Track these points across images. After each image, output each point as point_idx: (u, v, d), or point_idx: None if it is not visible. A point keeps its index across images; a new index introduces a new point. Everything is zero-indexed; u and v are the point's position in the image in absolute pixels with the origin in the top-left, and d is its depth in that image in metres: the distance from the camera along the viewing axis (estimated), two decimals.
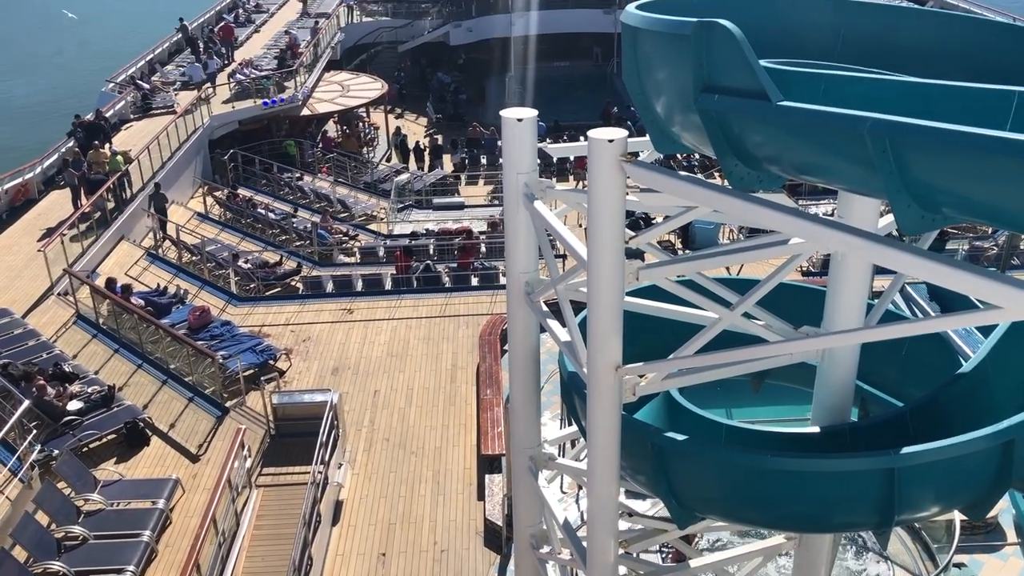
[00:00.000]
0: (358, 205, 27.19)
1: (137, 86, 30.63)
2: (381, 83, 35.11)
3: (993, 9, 38.01)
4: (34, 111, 48.66)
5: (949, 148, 3.55)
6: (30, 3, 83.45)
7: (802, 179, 4.95)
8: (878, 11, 6.72)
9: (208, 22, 40.34)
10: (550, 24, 43.07)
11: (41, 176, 24.32)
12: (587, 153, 5.64)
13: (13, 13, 78.48)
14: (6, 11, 79.30)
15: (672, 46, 5.07)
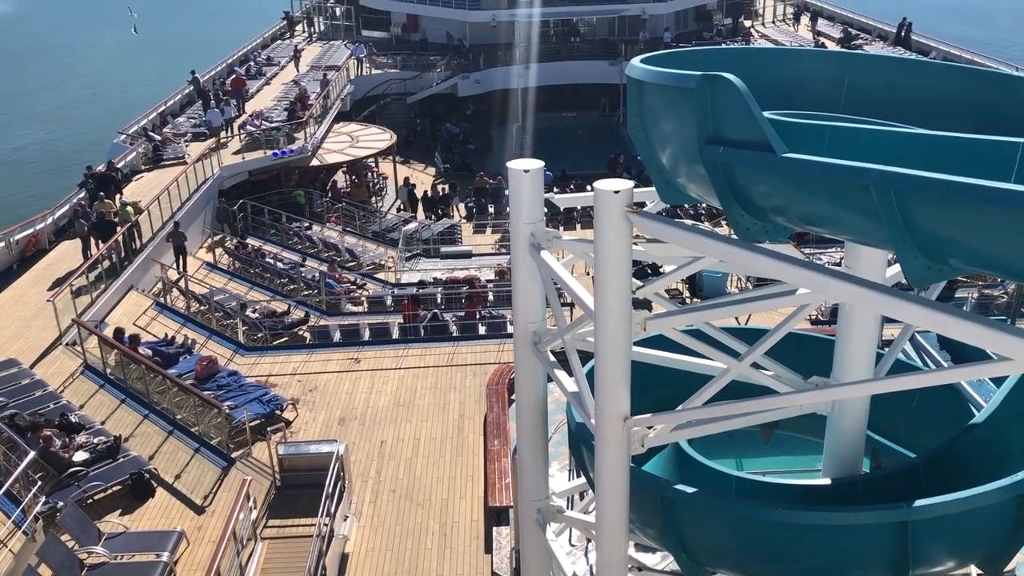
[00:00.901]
0: (366, 254, 27.30)
1: (148, 137, 31.03)
2: (390, 134, 35.49)
3: (997, 59, 38.37)
4: (47, 162, 49.27)
5: (954, 200, 3.56)
6: (45, 55, 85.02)
7: (808, 230, 4.95)
8: (882, 63, 6.80)
9: (220, 75, 41.00)
10: (557, 75, 43.68)
11: (52, 227, 24.53)
12: (593, 204, 5.66)
13: (28, 65, 79.91)
14: (22, 63, 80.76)
15: (677, 99, 5.12)
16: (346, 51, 45.41)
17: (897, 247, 3.91)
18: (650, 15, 46.00)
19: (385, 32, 49.71)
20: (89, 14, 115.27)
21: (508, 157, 38.15)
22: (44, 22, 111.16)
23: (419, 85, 43.27)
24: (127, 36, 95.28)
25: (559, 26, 47.74)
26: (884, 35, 45.87)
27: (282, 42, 50.50)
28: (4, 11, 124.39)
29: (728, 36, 46.56)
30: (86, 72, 76.71)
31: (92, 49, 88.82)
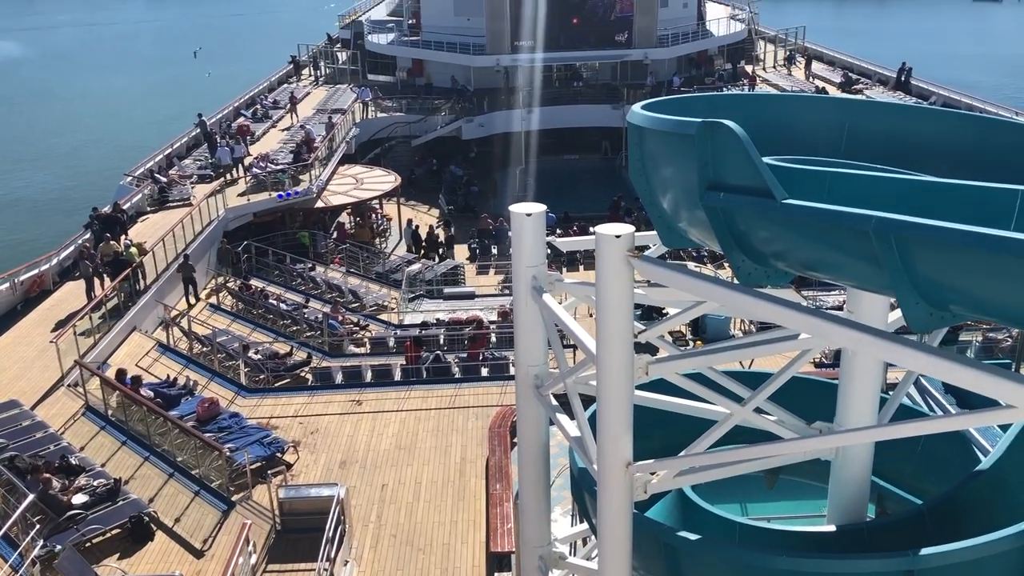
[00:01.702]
0: (369, 295, 27.33)
1: (155, 179, 31.27)
2: (394, 176, 35.73)
3: (996, 104, 38.68)
4: (54, 203, 49.62)
5: (955, 247, 3.56)
6: (55, 98, 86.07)
7: (809, 275, 4.96)
8: (881, 109, 6.86)
9: (227, 117, 41.43)
10: (559, 119, 44.07)
11: (57, 268, 24.62)
12: (595, 248, 5.68)
13: (37, 107, 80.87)
14: (31, 106, 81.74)
15: (677, 145, 5.16)
16: (352, 95, 45.91)
17: (898, 293, 3.91)
18: (652, 60, 46.52)
19: (391, 76, 50.28)
20: (99, 58, 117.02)
21: (511, 199, 38.55)
22: (54, 65, 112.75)
23: (424, 128, 43.67)
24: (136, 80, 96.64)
25: (562, 71, 48.29)
26: (884, 80, 46.30)
27: (288, 86, 51.07)
28: (14, 54, 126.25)
29: (729, 81, 47.02)
30: (95, 115, 77.57)
31: (101, 92, 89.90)
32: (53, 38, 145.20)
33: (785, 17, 77.50)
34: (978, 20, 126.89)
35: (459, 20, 47.53)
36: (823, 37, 63.79)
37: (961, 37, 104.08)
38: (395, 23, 55.03)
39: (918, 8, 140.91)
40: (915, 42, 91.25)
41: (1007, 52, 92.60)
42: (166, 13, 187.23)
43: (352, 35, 56.00)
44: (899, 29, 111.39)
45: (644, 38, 45.72)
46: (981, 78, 69.92)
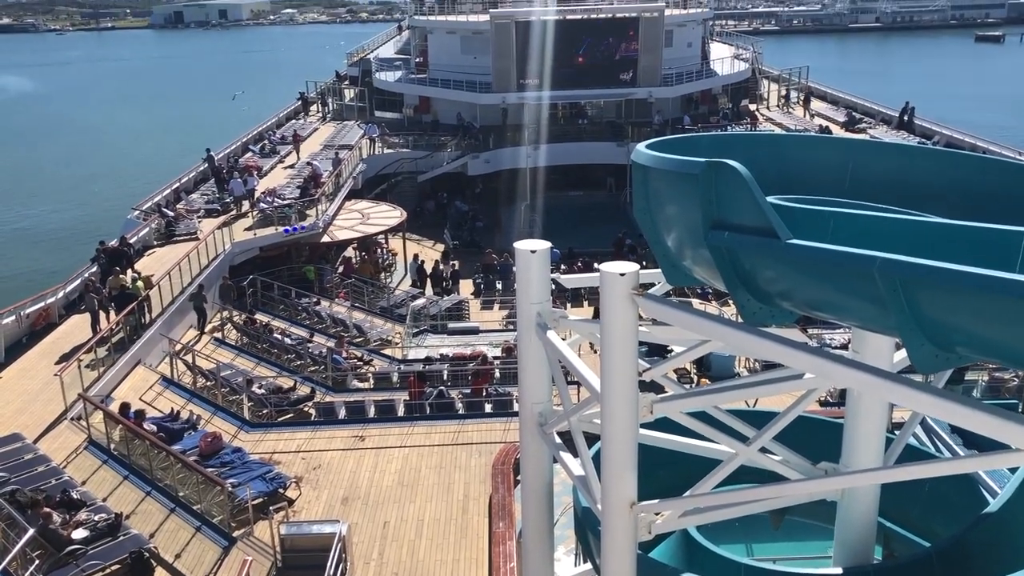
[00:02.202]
0: (374, 330, 27.32)
1: (162, 213, 31.45)
2: (400, 211, 35.90)
3: (999, 144, 38.85)
4: (61, 236, 49.91)
5: (960, 289, 3.56)
6: (64, 132, 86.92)
7: (814, 315, 4.96)
8: (884, 150, 6.90)
9: (235, 152, 41.78)
10: (564, 156, 44.37)
11: (63, 301, 24.68)
12: (599, 285, 5.69)
13: (47, 141, 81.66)
14: (41, 139, 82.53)
15: (682, 185, 5.19)
16: (359, 131, 46.31)
17: (903, 335, 3.91)
18: (656, 99, 46.91)
19: (397, 113, 50.74)
20: (109, 93, 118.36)
21: (516, 234, 38.68)
22: (65, 100, 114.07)
23: (430, 164, 43.96)
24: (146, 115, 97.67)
25: (567, 109, 48.69)
26: (887, 119, 46.59)
27: (296, 121, 51.57)
28: (26, 89, 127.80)
29: (733, 120, 47.35)
30: (104, 148, 78.31)
31: (111, 127, 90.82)
32: (65, 73, 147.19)
33: (789, 57, 78.26)
34: (980, 60, 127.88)
35: (465, 59, 48.10)
36: (826, 77, 64.39)
37: (964, 77, 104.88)
38: (402, 61, 55.70)
39: (921, 48, 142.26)
40: (918, 82, 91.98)
41: (1009, 92, 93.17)
42: (177, 50, 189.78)
43: (360, 73, 56.65)
44: (902, 69, 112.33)
45: (648, 77, 46.16)
46: (984, 118, 70.29)
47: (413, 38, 54.50)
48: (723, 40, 63.46)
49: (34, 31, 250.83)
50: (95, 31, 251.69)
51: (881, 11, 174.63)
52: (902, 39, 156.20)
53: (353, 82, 57.54)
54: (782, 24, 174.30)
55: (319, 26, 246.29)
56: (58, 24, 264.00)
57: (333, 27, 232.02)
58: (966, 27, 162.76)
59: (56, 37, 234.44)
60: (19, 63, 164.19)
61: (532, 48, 45.38)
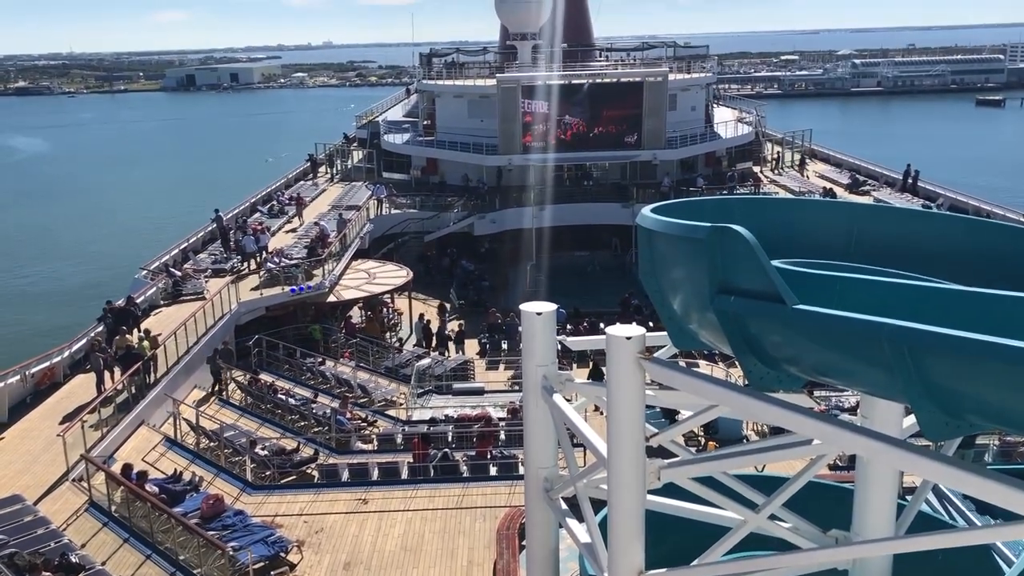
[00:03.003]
0: (378, 390, 27.19)
1: (169, 273, 31.61)
2: (406, 271, 36.05)
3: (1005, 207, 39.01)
4: (69, 295, 50.16)
5: (969, 357, 3.53)
6: (76, 192, 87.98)
7: (821, 381, 4.92)
8: (888, 214, 6.93)
9: (243, 213, 42.18)
10: (570, 216, 44.67)
11: (68, 360, 24.67)
12: (606, 349, 5.67)
13: (58, 201, 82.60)
14: (52, 199, 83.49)
15: (687, 249, 5.20)
16: (367, 191, 46.76)
17: (913, 402, 3.87)
18: (660, 161, 47.40)
19: (405, 174, 51.30)
20: (121, 154, 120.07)
21: (522, 294, 38.70)
22: (78, 160, 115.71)
23: (436, 224, 44.29)
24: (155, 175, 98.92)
25: (572, 170, 49.19)
26: (891, 181, 46.90)
27: (306, 182, 52.13)
28: (40, 150, 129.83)
29: (737, 182, 47.75)
30: (114, 208, 79.16)
31: (122, 187, 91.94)
32: (77, 134, 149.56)
33: (792, 120, 79.25)
34: (982, 124, 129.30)
35: (472, 122, 48.80)
36: (829, 139, 65.12)
37: (966, 140, 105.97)
38: (410, 124, 56.49)
39: (922, 112, 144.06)
40: (920, 144, 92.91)
41: (1012, 156, 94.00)
42: (189, 111, 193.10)
43: (368, 135, 57.44)
44: (904, 131, 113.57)
45: (653, 139, 46.70)
46: (987, 181, 70.80)
47: (421, 101, 55.37)
48: (727, 104, 64.34)
49: (49, 94, 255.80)
50: (108, 93, 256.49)
51: (882, 75, 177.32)
52: (904, 103, 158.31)
53: (361, 144, 58.34)
54: (785, 88, 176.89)
55: (329, 89, 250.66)
56: (72, 87, 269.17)
57: (342, 90, 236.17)
58: (966, 91, 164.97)
59: (69, 100, 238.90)
60: (33, 124, 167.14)
61: (537, 112, 46.03)
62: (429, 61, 58.34)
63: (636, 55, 60.21)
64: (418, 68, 61.90)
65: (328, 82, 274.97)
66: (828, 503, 7.03)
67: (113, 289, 35.11)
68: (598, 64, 56.12)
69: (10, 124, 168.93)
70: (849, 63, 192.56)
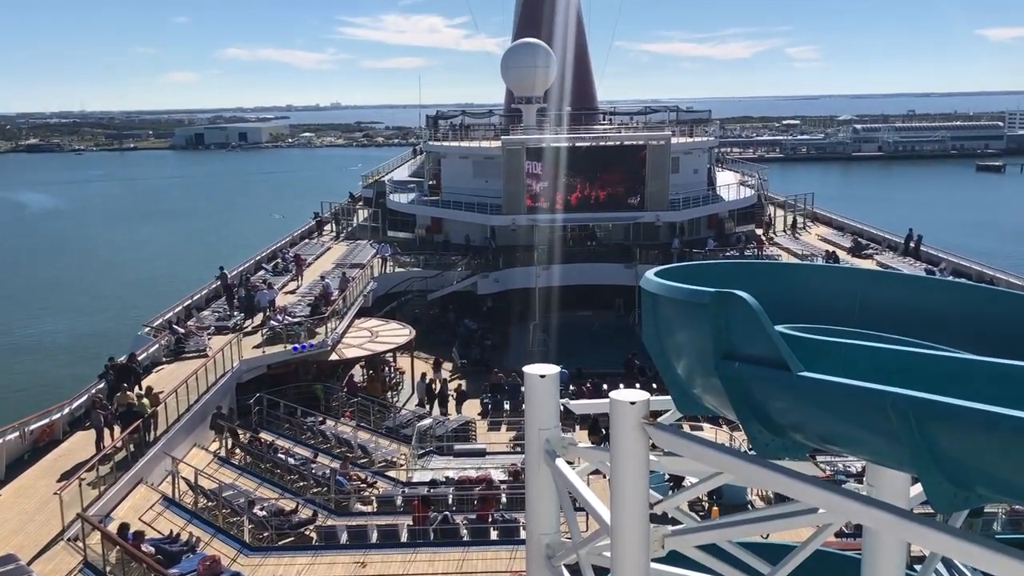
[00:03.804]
0: (379, 451, 26.98)
1: (172, 330, 31.62)
2: (409, 329, 36.05)
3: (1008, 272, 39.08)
4: (71, 352, 50.14)
5: (978, 428, 3.49)
6: (82, 247, 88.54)
7: (827, 449, 4.86)
8: (892, 280, 6.94)
9: (248, 270, 42.39)
10: (573, 276, 44.81)
11: (68, 417, 24.54)
12: (609, 413, 5.62)
13: (64, 256, 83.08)
14: (58, 254, 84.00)
15: (691, 313, 5.19)
16: (371, 250, 47.05)
17: (920, 472, 3.82)
18: (664, 222, 47.74)
19: (410, 233, 51.68)
20: (126, 211, 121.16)
21: (525, 353, 38.58)
22: (84, 217, 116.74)
23: (440, 283, 44.44)
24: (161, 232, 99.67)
25: (576, 230, 49.53)
26: (893, 245, 47.10)
27: (311, 241, 52.49)
28: (48, 206, 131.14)
29: (735, 244, 48.02)
30: (119, 265, 79.56)
31: (126, 243, 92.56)
32: (86, 191, 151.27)
33: (793, 183, 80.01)
34: (983, 189, 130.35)
35: (477, 182, 49.34)
36: (831, 203, 65.60)
37: (967, 204, 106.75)
38: (416, 183, 57.10)
39: (923, 176, 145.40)
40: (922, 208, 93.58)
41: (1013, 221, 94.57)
42: (196, 169, 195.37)
43: (374, 194, 58.07)
44: (905, 196, 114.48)
45: (656, 201, 47.09)
46: (989, 246, 71.10)
47: (427, 162, 56.07)
48: (729, 167, 65.03)
49: (59, 151, 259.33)
50: (118, 151, 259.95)
51: (883, 140, 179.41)
52: (905, 167, 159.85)
53: (367, 203, 58.92)
54: (786, 152, 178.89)
55: (336, 149, 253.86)
56: (82, 144, 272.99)
57: (349, 150, 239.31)
58: (966, 157, 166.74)
59: (76, 157, 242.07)
60: (42, 180, 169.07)
61: (544, 173, 46.56)
62: (435, 123, 59.26)
63: (639, 119, 61.10)
64: (424, 129, 62.78)
65: (335, 142, 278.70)
66: (834, 572, 6.90)
67: (116, 345, 35.14)
68: (602, 127, 56.92)
69: (20, 180, 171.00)
70: (850, 128, 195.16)
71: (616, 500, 5.36)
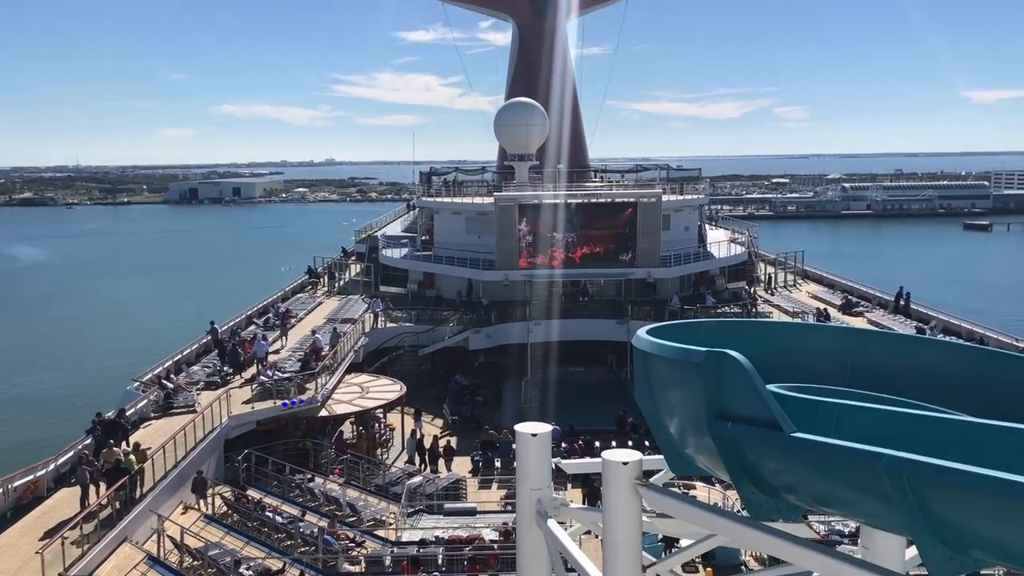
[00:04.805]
0: (367, 509, 26.60)
1: (161, 385, 31.37)
2: (400, 385, 35.82)
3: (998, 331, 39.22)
4: (60, 406, 49.60)
5: (972, 491, 3.48)
6: (72, 301, 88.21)
7: (821, 510, 4.83)
8: (884, 340, 6.97)
9: (239, 325, 42.25)
10: (566, 332, 44.76)
11: (53, 473, 24.17)
12: (601, 473, 5.59)
13: (55, 310, 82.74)
14: (50, 308, 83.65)
15: (683, 373, 5.19)
16: (363, 305, 47.00)
17: (914, 535, 3.79)
18: (656, 279, 47.92)
19: (402, 288, 51.70)
20: (118, 264, 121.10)
21: (517, 409, 38.31)
22: (74, 270, 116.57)
23: (432, 338, 44.32)
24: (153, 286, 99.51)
25: (568, 286, 49.62)
26: (884, 303, 47.28)
27: (302, 295, 52.44)
28: (40, 259, 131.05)
29: (731, 301, 48.16)
30: (110, 319, 79.23)
31: (118, 297, 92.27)
32: (79, 245, 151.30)
33: (784, 240, 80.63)
34: (971, 247, 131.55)
35: (470, 237, 49.56)
36: (821, 260, 66.07)
37: (956, 262, 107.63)
38: (408, 239, 57.33)
39: (912, 234, 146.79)
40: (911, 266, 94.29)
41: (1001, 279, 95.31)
42: (190, 224, 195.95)
43: (367, 249, 58.21)
44: (895, 253, 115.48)
45: (647, 258, 47.32)
46: (978, 304, 71.51)
47: (420, 217, 56.36)
48: (720, 224, 65.54)
49: (53, 205, 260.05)
50: (111, 205, 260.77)
51: (872, 199, 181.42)
52: (893, 225, 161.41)
53: (360, 258, 59.03)
54: (776, 210, 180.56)
55: (330, 204, 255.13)
56: (76, 198, 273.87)
57: (343, 205, 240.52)
58: (953, 216, 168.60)
59: (68, 211, 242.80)
60: (35, 234, 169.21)
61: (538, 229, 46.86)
62: (429, 179, 59.75)
63: (630, 176, 61.74)
64: (418, 185, 63.29)
65: (329, 197, 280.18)
66: None
67: (104, 400, 34.81)
68: (594, 184, 57.47)
69: (12, 234, 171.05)
70: (839, 187, 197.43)
71: (608, 562, 5.29)
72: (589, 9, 69.02)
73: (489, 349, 45.13)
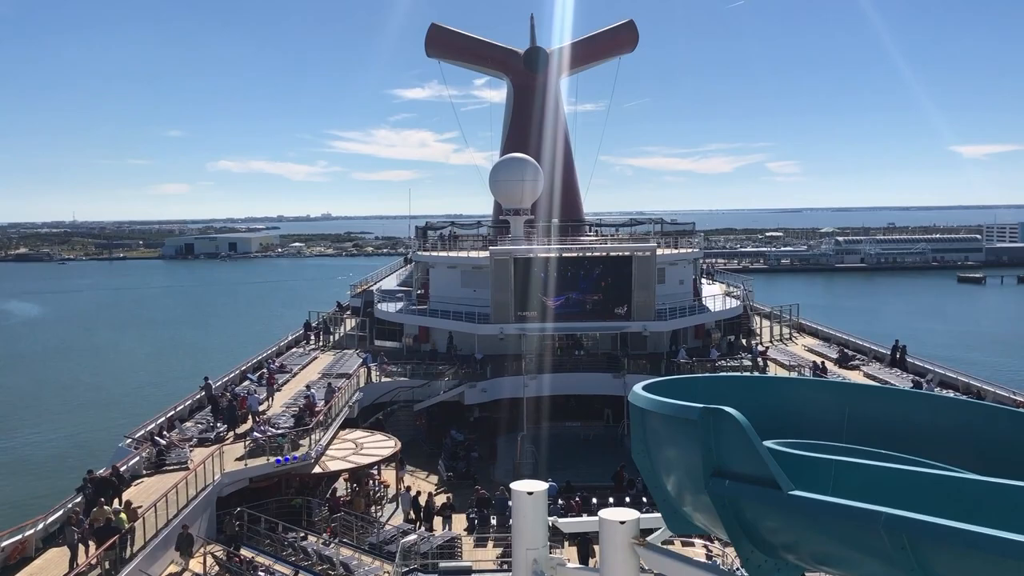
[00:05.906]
0: (361, 569, 26.11)
1: (154, 442, 31.03)
2: (394, 441, 35.50)
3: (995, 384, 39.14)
4: (52, 463, 49.06)
5: (971, 550, 3.44)
6: (61, 357, 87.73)
7: (821, 570, 4.77)
8: (881, 394, 6.96)
9: (233, 380, 41.98)
10: (561, 386, 44.57)
11: (42, 533, 23.77)
12: (599, 532, 5.53)
13: (48, 365, 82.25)
14: (42, 364, 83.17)
15: (680, 429, 5.17)
16: (358, 359, 46.81)
17: None
18: (651, 332, 47.90)
19: (397, 342, 51.58)
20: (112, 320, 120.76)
21: (513, 465, 37.89)
22: (68, 326, 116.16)
23: (426, 393, 44.08)
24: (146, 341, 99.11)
25: (564, 340, 49.57)
26: (879, 356, 47.21)
27: (298, 350, 52.24)
28: (33, 314, 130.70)
29: (726, 355, 48.09)
30: (103, 375, 78.76)
31: (112, 353, 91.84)
32: (73, 300, 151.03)
33: (778, 294, 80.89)
34: (965, 300, 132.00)
35: (465, 291, 49.64)
36: (815, 313, 66.24)
37: (951, 315, 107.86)
38: (404, 293, 57.38)
39: (906, 287, 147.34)
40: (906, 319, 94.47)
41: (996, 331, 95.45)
42: (185, 279, 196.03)
43: (362, 303, 58.19)
44: (889, 307, 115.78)
45: (643, 312, 47.37)
46: (974, 356, 71.51)
47: (416, 271, 56.50)
48: (716, 278, 65.76)
49: (48, 260, 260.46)
50: (107, 260, 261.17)
51: (865, 252, 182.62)
52: (887, 278, 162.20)
53: (355, 312, 58.98)
54: (770, 263, 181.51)
55: (326, 259, 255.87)
56: (72, 254, 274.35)
57: (339, 260, 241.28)
58: (947, 268, 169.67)
59: (60, 266, 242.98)
60: (30, 290, 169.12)
61: (531, 283, 46.97)
62: (424, 233, 60.03)
63: (625, 230, 62.09)
64: (414, 240, 63.55)
65: (325, 252, 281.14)
66: None
67: (97, 457, 34.44)
68: (588, 239, 57.78)
69: (6, 289, 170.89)
70: (832, 240, 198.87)
71: None
72: (582, 67, 70.13)
73: (484, 404, 44.88)
